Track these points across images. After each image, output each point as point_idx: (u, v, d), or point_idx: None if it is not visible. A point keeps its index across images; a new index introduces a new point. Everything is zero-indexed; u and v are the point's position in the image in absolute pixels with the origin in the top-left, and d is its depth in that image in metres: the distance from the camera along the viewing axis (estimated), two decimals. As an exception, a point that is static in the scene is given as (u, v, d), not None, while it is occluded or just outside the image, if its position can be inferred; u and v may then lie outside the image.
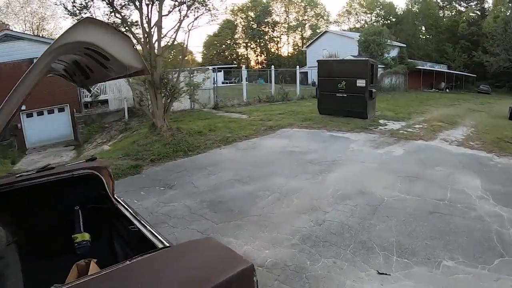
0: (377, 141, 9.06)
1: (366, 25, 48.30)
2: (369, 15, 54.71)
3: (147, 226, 2.28)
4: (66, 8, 9.15)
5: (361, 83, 11.99)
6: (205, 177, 6.27)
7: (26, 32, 30.04)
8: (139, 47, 9.62)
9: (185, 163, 7.31)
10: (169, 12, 9.61)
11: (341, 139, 9.38)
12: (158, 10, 9.22)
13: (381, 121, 12.10)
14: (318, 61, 14.18)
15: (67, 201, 2.90)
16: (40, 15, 38.24)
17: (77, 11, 8.98)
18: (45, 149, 16.94)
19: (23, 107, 17.02)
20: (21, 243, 2.65)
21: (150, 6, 9.18)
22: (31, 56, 16.80)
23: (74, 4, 9.02)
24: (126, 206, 2.66)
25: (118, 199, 2.80)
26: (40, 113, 17.97)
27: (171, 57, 12.24)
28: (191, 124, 11.12)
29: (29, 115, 17.73)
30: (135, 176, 6.77)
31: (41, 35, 22.65)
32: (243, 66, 31.56)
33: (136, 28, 9.50)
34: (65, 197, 2.90)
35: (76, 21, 9.04)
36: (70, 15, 9.13)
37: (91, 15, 9.09)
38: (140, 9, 9.08)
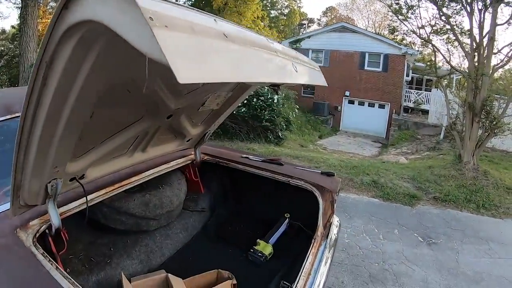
0: None
1: None
2: None
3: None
4: (389, 7, 8.66)
5: None
6: (477, 254, 4.41)
7: (368, 29, 32.32)
8: (466, 64, 7.94)
9: (469, 221, 5.54)
10: (507, 22, 7.11)
11: None
12: (491, 16, 7.02)
13: None
14: None
15: (272, 202, 2.80)
16: (383, 14, 39.68)
17: (404, 10, 8.31)
18: (354, 137, 18.33)
19: (347, 93, 19.14)
20: (204, 214, 2.79)
21: (483, 11, 7.11)
22: (363, 50, 18.48)
23: (397, 3, 8.35)
24: (328, 253, 2.09)
25: (331, 235, 2.25)
26: (361, 103, 19.35)
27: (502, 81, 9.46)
28: (504, 173, 8.37)
29: (351, 102, 19.54)
30: (404, 207, 5.89)
31: (381, 34, 23.70)
32: None
33: (464, 38, 7.72)
34: (273, 197, 2.77)
35: (401, 22, 8.53)
36: (394, 13, 8.57)
37: (417, 16, 8.13)
38: (471, 15, 7.24)
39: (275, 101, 10.25)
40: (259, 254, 2.33)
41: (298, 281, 1.69)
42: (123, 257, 1.99)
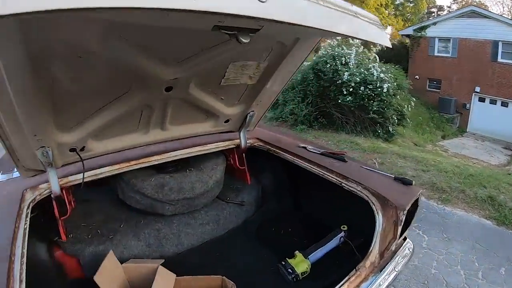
0: None
1: None
2: None
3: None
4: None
5: None
6: None
7: (503, 15, 26.97)
8: None
9: None
10: None
11: None
12: None
13: None
14: None
15: (331, 207, 2.34)
16: (519, 0, 32.53)
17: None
18: (482, 140, 15.71)
19: (477, 89, 16.26)
20: (245, 208, 2.46)
21: None
22: (496, 38, 15.37)
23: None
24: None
25: (390, 269, 1.69)
26: (493, 102, 16.24)
27: None
28: None
29: (481, 100, 16.52)
30: (508, 231, 4.55)
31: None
32: None
33: None
34: (332, 201, 2.27)
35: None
36: None
37: None
38: None
39: (385, 90, 9.13)
40: (289, 270, 1.89)
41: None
42: (129, 236, 1.89)
